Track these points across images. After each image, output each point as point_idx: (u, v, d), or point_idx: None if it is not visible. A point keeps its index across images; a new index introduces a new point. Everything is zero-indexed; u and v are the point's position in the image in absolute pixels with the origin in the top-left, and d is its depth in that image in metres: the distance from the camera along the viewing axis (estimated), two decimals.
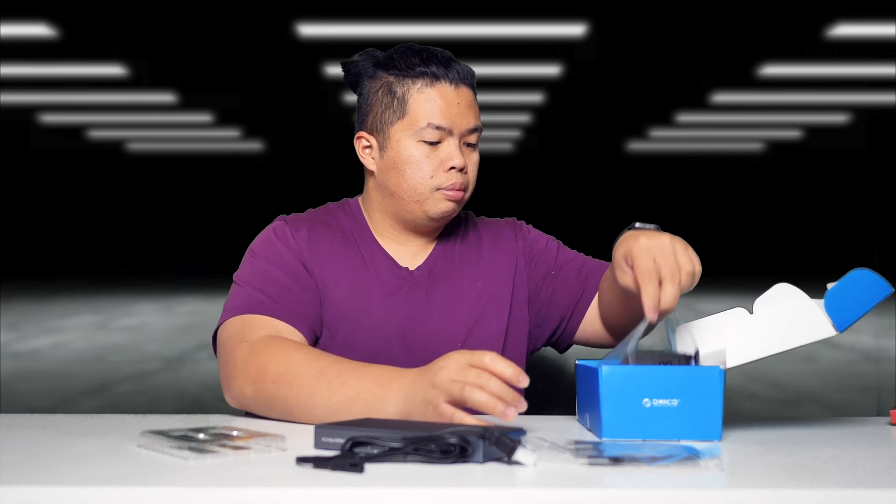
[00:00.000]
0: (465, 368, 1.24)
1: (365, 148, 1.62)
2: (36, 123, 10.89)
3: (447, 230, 1.68)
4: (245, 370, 1.43)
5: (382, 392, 1.32)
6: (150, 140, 12.06)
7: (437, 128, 1.55)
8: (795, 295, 1.31)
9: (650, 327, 1.29)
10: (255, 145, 11.80)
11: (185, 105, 10.11)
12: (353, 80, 1.65)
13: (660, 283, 1.27)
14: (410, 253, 1.64)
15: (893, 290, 1.29)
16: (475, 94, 1.62)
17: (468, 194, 1.61)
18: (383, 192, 1.61)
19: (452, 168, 1.56)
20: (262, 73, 9.45)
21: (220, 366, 1.49)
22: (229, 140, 11.79)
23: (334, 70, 8.78)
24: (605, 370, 1.25)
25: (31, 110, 10.54)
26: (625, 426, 1.24)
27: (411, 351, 1.56)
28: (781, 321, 1.30)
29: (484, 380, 1.22)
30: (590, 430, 1.33)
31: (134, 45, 8.41)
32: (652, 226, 1.36)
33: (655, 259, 1.29)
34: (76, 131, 11.53)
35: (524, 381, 1.22)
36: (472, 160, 1.60)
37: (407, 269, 1.62)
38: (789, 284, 1.32)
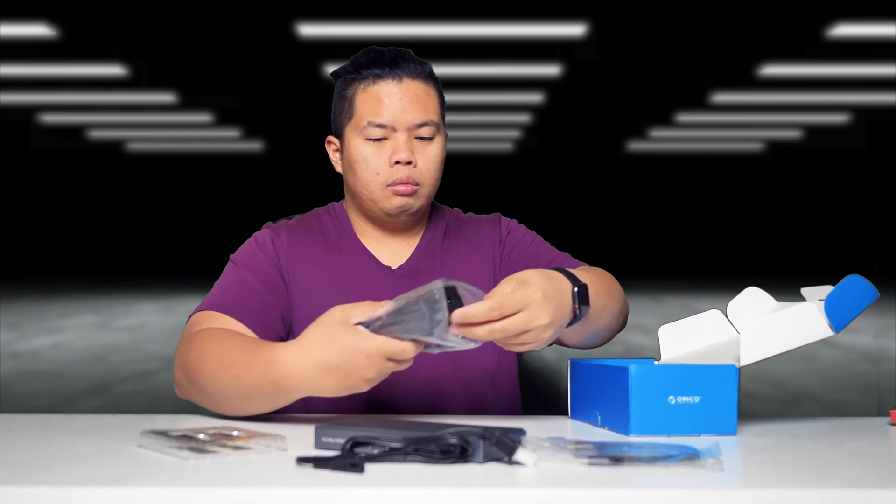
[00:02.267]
0: (384, 365, 1.23)
1: (335, 151, 1.67)
2: (36, 123, 10.86)
3: (429, 227, 1.68)
4: (177, 360, 1.48)
5: (288, 386, 1.30)
6: (150, 140, 12.02)
7: (378, 125, 1.58)
8: (764, 298, 1.41)
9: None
10: (255, 145, 11.77)
11: (185, 105, 10.08)
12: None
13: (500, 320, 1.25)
14: (392, 251, 1.66)
15: (879, 294, 1.37)
16: (435, 89, 1.62)
17: (426, 189, 1.61)
18: (350, 192, 1.66)
19: (398, 163, 1.57)
20: (262, 73, 9.43)
21: None
22: (229, 140, 11.76)
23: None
24: (633, 369, 1.27)
25: (31, 110, 10.50)
26: (652, 423, 1.27)
27: None
28: (787, 323, 1.34)
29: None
30: (602, 427, 1.34)
31: (134, 45, 8.38)
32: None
33: (527, 306, 1.25)
34: (76, 131, 11.49)
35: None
36: (427, 154, 1.60)
37: (389, 267, 1.64)
38: (758, 288, 1.42)
